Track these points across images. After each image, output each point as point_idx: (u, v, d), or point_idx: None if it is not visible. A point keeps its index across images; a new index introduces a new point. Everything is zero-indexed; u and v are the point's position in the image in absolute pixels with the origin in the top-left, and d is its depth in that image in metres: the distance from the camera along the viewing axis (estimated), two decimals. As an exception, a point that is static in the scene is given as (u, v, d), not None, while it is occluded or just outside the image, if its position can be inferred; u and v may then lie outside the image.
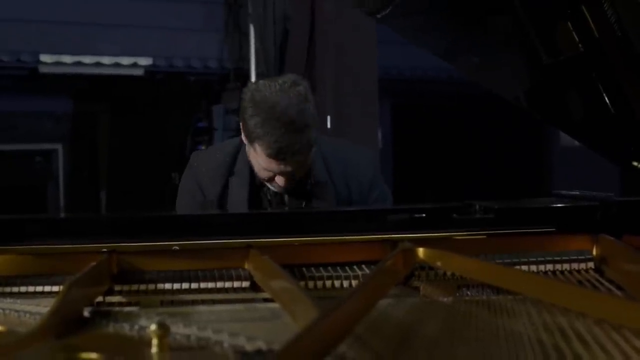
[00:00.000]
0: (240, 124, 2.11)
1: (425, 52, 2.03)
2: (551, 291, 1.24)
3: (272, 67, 6.03)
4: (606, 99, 1.66)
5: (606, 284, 1.39)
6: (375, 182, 2.26)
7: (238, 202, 2.20)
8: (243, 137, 2.13)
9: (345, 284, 1.41)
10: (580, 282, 1.41)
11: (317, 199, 2.19)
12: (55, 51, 7.09)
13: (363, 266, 1.46)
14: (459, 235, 1.55)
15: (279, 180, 2.09)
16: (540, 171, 9.07)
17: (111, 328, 1.18)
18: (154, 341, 1.00)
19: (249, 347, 1.05)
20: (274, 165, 2.04)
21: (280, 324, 1.19)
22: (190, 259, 1.47)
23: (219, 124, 6.97)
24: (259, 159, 2.07)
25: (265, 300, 1.35)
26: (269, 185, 2.17)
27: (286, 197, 2.21)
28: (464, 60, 2.02)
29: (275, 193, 2.20)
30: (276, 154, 2.00)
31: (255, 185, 2.21)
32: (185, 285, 1.39)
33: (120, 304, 1.36)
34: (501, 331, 1.13)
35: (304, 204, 2.20)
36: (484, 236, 1.55)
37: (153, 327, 1.01)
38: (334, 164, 2.22)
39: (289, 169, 2.05)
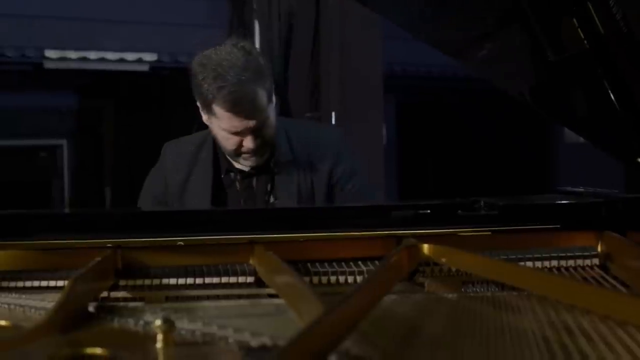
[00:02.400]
0: (196, 98, 2.09)
1: (431, 48, 2.02)
2: (556, 288, 1.24)
3: (276, 63, 6.01)
4: (611, 95, 1.65)
5: (611, 280, 1.39)
6: (342, 158, 2.22)
7: (199, 191, 2.19)
8: (203, 115, 2.11)
9: (350, 279, 1.41)
10: (585, 278, 1.41)
11: (280, 179, 2.17)
12: (60, 47, 7.08)
13: (368, 262, 1.46)
14: (464, 231, 1.54)
15: (247, 142, 2.05)
16: (545, 168, 9.06)
17: (116, 323, 1.18)
18: (159, 336, 1.01)
19: (253, 342, 1.05)
20: (236, 122, 2.02)
21: (285, 320, 1.19)
22: (195, 254, 1.47)
23: (223, 120, 6.94)
24: (222, 123, 2.04)
25: (270, 295, 1.35)
26: (238, 163, 2.14)
27: (254, 180, 2.19)
28: (470, 53, 2.01)
29: (244, 177, 2.19)
30: (234, 105, 1.99)
31: (220, 174, 2.20)
32: (190, 281, 1.40)
33: (125, 299, 1.37)
34: (506, 327, 1.13)
35: (269, 186, 2.19)
36: (489, 232, 1.55)
37: (158, 322, 1.01)
38: (298, 145, 2.20)
39: (251, 123, 2.02)
